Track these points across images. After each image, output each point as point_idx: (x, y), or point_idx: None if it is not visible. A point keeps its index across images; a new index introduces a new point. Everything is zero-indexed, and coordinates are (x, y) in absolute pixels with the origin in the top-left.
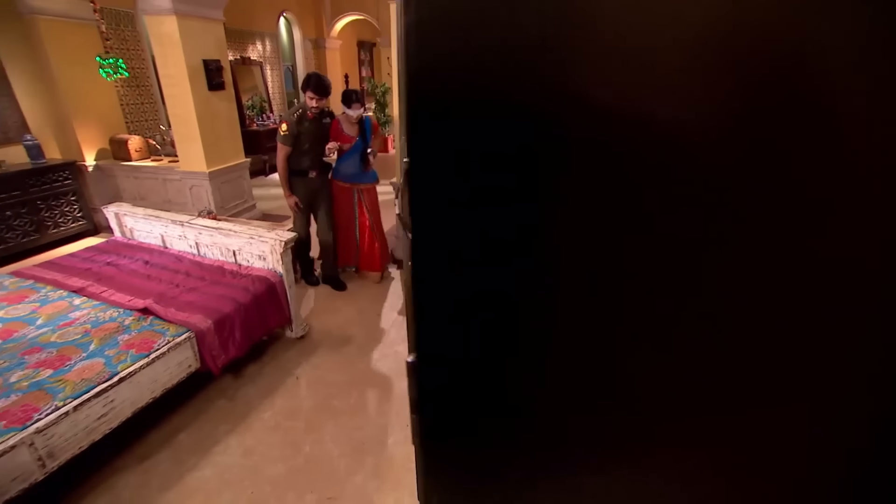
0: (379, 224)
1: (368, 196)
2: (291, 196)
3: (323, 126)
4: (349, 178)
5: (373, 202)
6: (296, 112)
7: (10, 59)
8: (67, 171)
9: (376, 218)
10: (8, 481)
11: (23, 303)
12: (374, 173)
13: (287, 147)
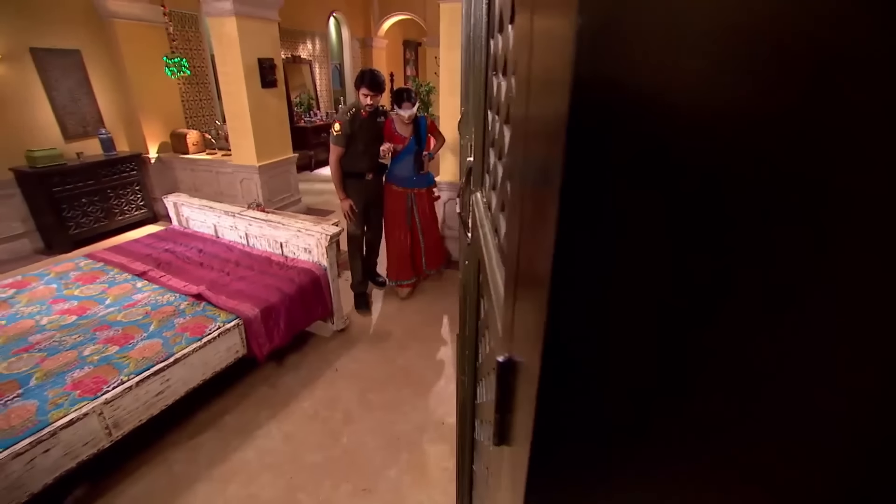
0: (432, 229)
1: (421, 201)
2: (346, 199)
3: (377, 125)
4: (402, 181)
5: (426, 207)
6: (349, 111)
7: (91, 59)
8: (134, 162)
9: (429, 223)
10: (80, 445)
11: (94, 283)
12: (430, 176)
13: (340, 148)
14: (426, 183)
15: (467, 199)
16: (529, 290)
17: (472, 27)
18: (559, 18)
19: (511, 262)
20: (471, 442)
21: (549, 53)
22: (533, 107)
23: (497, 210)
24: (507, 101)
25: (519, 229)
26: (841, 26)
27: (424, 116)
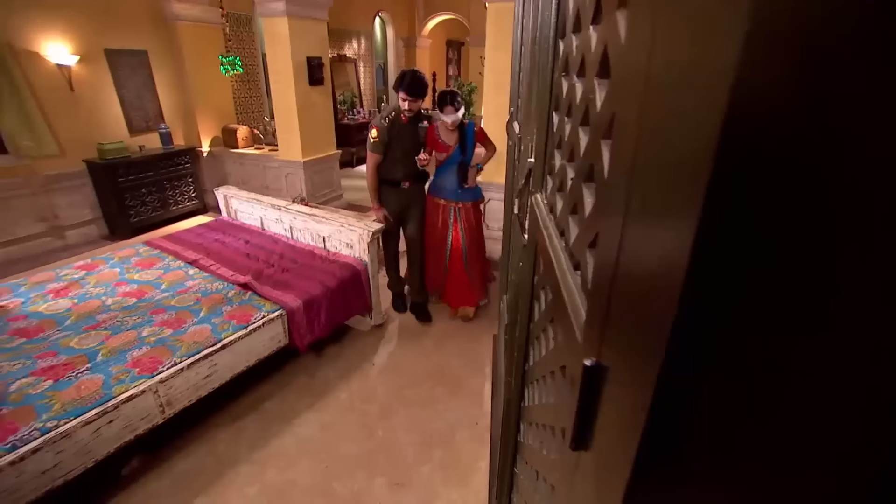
0: (476, 249)
1: (466, 216)
2: (380, 209)
3: (419, 131)
4: (444, 193)
5: (471, 224)
6: (387, 116)
7: (155, 59)
8: (188, 155)
9: (474, 242)
10: (137, 420)
11: (151, 269)
12: (478, 190)
13: (377, 156)
14: (472, 197)
15: (525, 200)
16: (642, 301)
17: (537, 27)
18: (712, 18)
19: (604, 271)
20: (514, 444)
21: (693, 56)
22: (656, 112)
23: (566, 212)
24: (584, 102)
25: (620, 236)
26: None
27: (472, 123)
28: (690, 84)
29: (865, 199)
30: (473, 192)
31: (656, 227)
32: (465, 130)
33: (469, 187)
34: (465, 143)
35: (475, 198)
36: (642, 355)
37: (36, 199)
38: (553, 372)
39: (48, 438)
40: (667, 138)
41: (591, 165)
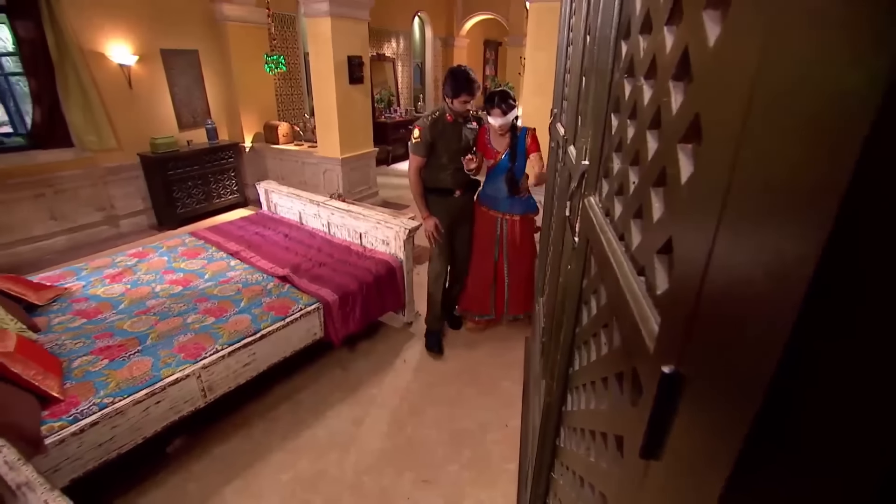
0: (522, 264)
1: (513, 230)
2: (430, 217)
3: (468, 133)
4: (493, 203)
5: (519, 238)
6: (431, 115)
7: (205, 58)
8: (232, 150)
9: (521, 257)
10: (182, 402)
11: (196, 259)
12: (530, 202)
13: (419, 158)
14: (522, 209)
15: (577, 202)
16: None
17: (596, 28)
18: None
19: (686, 278)
20: (552, 448)
21: (830, 64)
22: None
23: (627, 216)
24: (654, 105)
25: (711, 243)
26: None
27: (527, 129)
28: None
29: None
30: (524, 204)
31: (765, 237)
32: (517, 135)
33: (520, 197)
34: (515, 149)
35: (526, 210)
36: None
37: (96, 189)
38: (606, 378)
39: (105, 413)
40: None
41: (662, 169)
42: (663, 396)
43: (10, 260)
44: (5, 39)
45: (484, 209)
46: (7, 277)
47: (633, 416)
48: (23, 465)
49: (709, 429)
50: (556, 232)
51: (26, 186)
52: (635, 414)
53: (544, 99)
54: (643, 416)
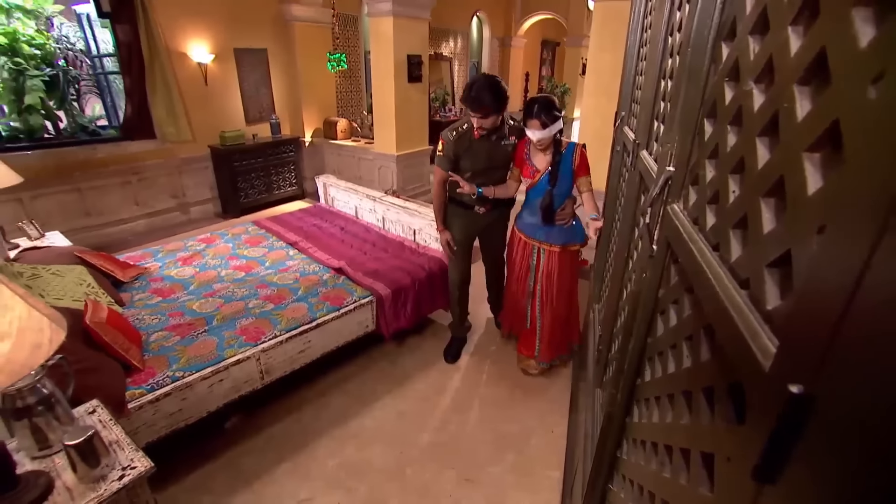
0: (560, 304)
1: (550, 261)
2: (444, 231)
3: (500, 149)
4: (528, 229)
5: (552, 270)
6: (459, 127)
7: (273, 56)
8: (293, 145)
9: (558, 295)
10: (242, 382)
11: (257, 247)
12: (574, 231)
13: (441, 172)
14: (563, 239)
15: (658, 209)
16: None
17: (691, 29)
18: None
19: (821, 296)
20: (611, 459)
21: None
22: None
23: (726, 226)
24: (769, 110)
25: (866, 259)
26: None
27: (573, 144)
28: None
29: None
30: (566, 233)
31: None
32: (561, 151)
33: (561, 226)
34: (556, 169)
35: (568, 240)
36: None
37: (171, 178)
38: (689, 392)
39: (176, 386)
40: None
41: (779, 179)
42: (789, 417)
43: (100, 240)
44: (107, 42)
45: (518, 233)
46: (101, 255)
47: (737, 434)
48: (114, 424)
49: (844, 456)
50: (622, 239)
51: (117, 174)
52: (743, 433)
53: (606, 102)
54: (755, 435)
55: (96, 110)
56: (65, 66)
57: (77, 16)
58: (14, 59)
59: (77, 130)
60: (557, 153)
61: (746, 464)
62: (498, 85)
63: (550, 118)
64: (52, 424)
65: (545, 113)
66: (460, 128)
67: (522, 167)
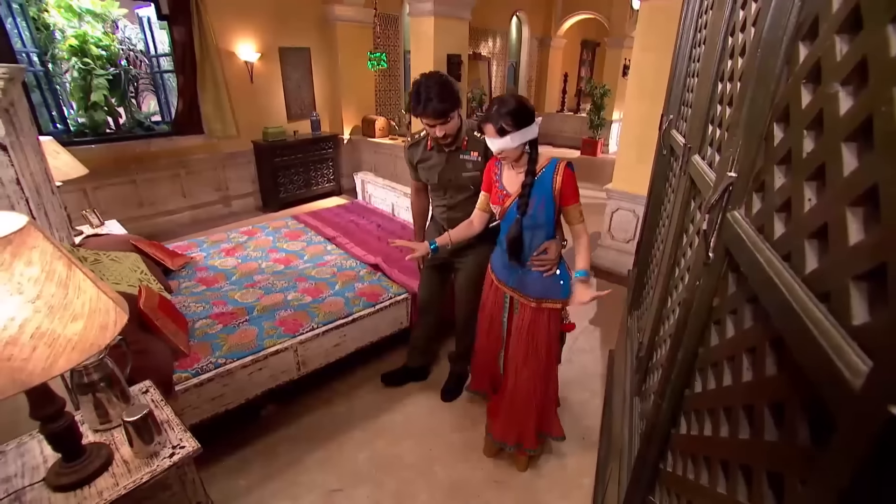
0: (532, 374)
1: (522, 317)
2: (423, 242)
3: (459, 165)
4: (500, 271)
5: (527, 331)
6: (417, 133)
7: (315, 55)
8: (332, 142)
9: (526, 362)
10: (279, 372)
11: (297, 241)
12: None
13: (413, 181)
14: (540, 291)
15: (716, 216)
16: None
17: (762, 28)
18: None
19: None
20: (653, 471)
21: None
22: None
23: (800, 236)
24: (861, 114)
25: None
26: None
27: (555, 161)
28: None
29: None
30: (547, 285)
31: None
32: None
33: (541, 272)
34: (527, 192)
35: (547, 295)
36: None
37: (216, 172)
38: (751, 406)
39: (218, 372)
40: None
41: (871, 187)
42: (886, 440)
43: (151, 229)
44: (163, 42)
45: (491, 275)
46: (153, 244)
47: (816, 455)
48: (164, 405)
49: None
50: (667, 245)
51: (167, 167)
52: (825, 455)
53: (650, 104)
54: (841, 458)
55: (151, 107)
56: (126, 65)
57: (139, 18)
58: (83, 60)
59: (134, 126)
60: (531, 173)
61: (828, 487)
62: (447, 80)
63: (513, 124)
64: (112, 401)
65: (505, 116)
66: (418, 135)
67: (491, 191)
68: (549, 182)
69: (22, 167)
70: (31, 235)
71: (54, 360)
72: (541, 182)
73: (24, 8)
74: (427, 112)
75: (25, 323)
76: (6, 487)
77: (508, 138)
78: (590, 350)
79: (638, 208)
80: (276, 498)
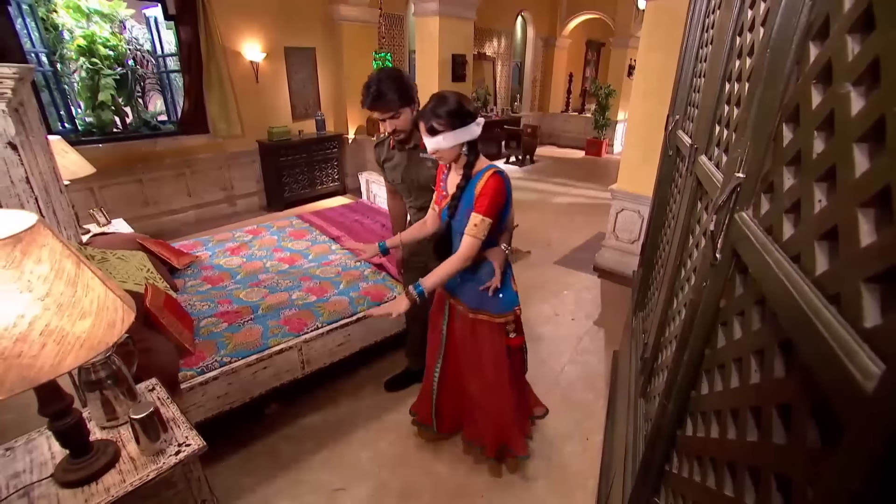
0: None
1: (461, 327)
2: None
3: (422, 165)
4: (448, 286)
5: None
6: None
7: (320, 55)
8: (336, 141)
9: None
10: (283, 371)
11: (301, 240)
12: (497, 296)
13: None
14: (476, 302)
15: (723, 217)
16: None
17: (772, 28)
18: None
19: None
20: (657, 471)
21: None
22: None
23: (809, 237)
24: (871, 116)
25: None
26: None
27: (488, 168)
28: None
29: None
30: (480, 298)
31: None
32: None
33: (474, 283)
34: (459, 195)
35: (480, 306)
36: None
37: (221, 171)
38: (759, 408)
39: (223, 371)
40: None
41: (884, 188)
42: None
43: (156, 228)
44: (170, 42)
45: None
46: (159, 242)
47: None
48: (170, 403)
49: None
50: (673, 246)
51: (173, 166)
52: (835, 457)
53: (656, 104)
54: (852, 461)
55: (158, 106)
56: (133, 65)
57: (146, 18)
58: (91, 60)
59: (140, 125)
60: (465, 177)
61: (839, 491)
62: (399, 75)
63: (446, 123)
64: (119, 398)
65: (438, 115)
66: (384, 133)
67: (437, 192)
68: (474, 188)
69: (31, 166)
70: (41, 234)
71: (63, 357)
72: (470, 188)
73: (34, 8)
74: (371, 104)
75: (35, 320)
76: (15, 483)
77: (440, 138)
78: (594, 351)
79: (643, 209)
80: (280, 496)
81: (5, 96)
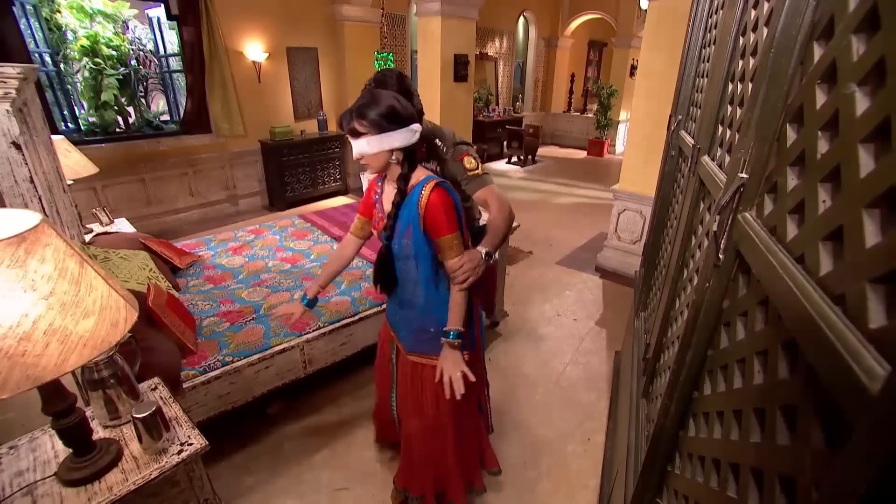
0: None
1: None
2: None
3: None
4: (389, 314)
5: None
6: None
7: (322, 54)
8: (338, 141)
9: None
10: (285, 371)
11: (303, 240)
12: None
13: None
14: (409, 342)
15: (726, 217)
16: None
17: (776, 28)
18: None
19: None
20: (660, 473)
21: None
22: None
23: (814, 238)
24: (876, 116)
25: None
26: None
27: (427, 180)
28: None
29: None
30: (417, 336)
31: None
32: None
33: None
34: (395, 212)
35: (415, 348)
36: None
37: (223, 171)
38: (763, 410)
39: (225, 370)
40: None
41: (889, 189)
42: None
43: (159, 227)
44: (172, 42)
45: (385, 323)
46: (161, 242)
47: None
48: (173, 402)
49: None
50: (675, 246)
51: (176, 166)
52: (840, 459)
53: (658, 104)
54: (858, 463)
55: (160, 106)
56: (136, 65)
57: (149, 19)
58: (94, 60)
59: (143, 125)
60: (400, 192)
61: (845, 493)
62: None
63: (370, 126)
64: (121, 397)
65: (363, 116)
66: None
67: (368, 211)
68: (416, 205)
69: (35, 166)
70: (45, 233)
71: (66, 356)
72: (409, 204)
73: (38, 9)
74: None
75: (39, 319)
76: (19, 481)
77: (364, 141)
78: (596, 351)
79: (645, 209)
80: (282, 496)
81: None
